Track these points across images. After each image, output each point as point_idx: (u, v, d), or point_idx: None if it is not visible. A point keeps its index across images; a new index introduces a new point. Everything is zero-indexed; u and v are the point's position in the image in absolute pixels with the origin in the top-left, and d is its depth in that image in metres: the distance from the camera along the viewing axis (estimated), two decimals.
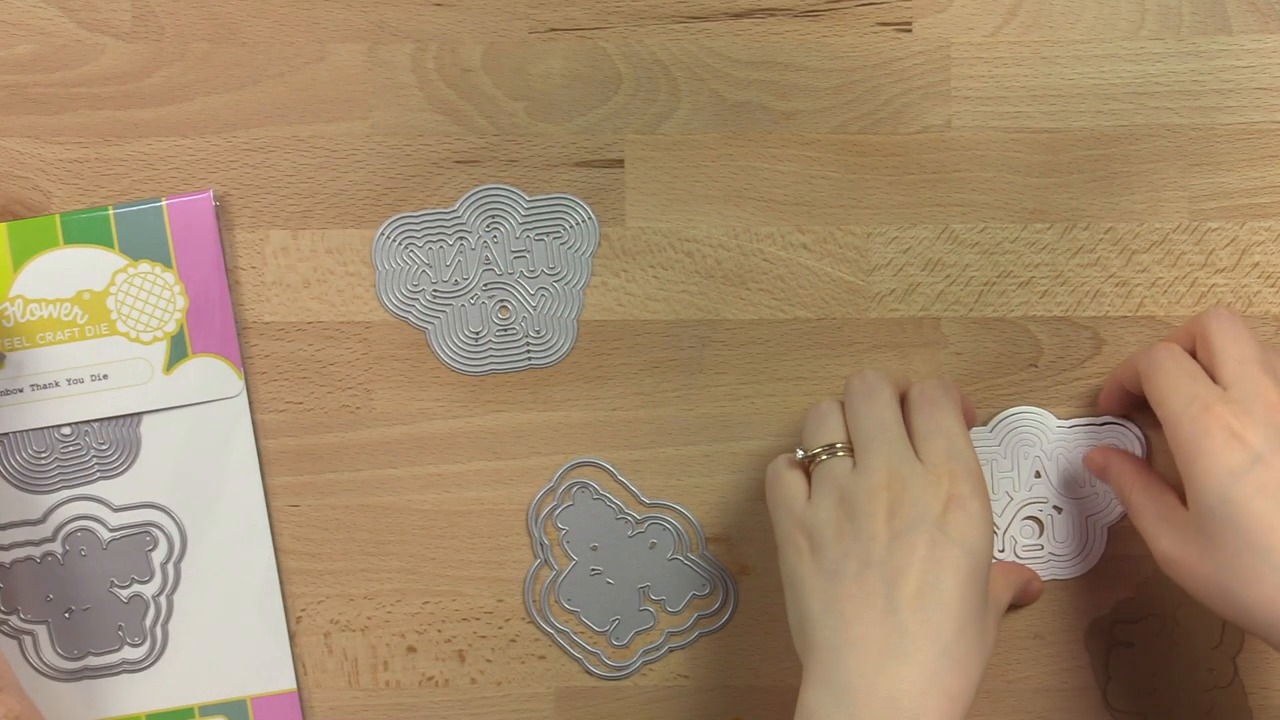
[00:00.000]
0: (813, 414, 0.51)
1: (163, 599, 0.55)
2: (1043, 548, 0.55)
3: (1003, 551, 0.55)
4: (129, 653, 0.55)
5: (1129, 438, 0.55)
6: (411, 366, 0.56)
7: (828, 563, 0.47)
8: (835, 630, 0.45)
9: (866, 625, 0.45)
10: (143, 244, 0.55)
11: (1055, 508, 0.55)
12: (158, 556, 0.55)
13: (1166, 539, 0.48)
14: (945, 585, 0.45)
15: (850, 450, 0.49)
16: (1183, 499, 0.48)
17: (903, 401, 0.51)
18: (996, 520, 0.55)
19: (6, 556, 0.55)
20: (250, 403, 0.56)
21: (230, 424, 0.55)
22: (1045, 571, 0.55)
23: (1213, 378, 0.48)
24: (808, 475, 0.50)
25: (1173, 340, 0.51)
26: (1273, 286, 0.56)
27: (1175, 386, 0.48)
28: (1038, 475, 0.55)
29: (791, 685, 0.50)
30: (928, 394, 0.50)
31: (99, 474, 0.55)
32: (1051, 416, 0.55)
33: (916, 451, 0.48)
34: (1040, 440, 0.55)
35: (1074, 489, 0.55)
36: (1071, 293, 0.56)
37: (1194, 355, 0.50)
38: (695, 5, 0.56)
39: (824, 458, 0.49)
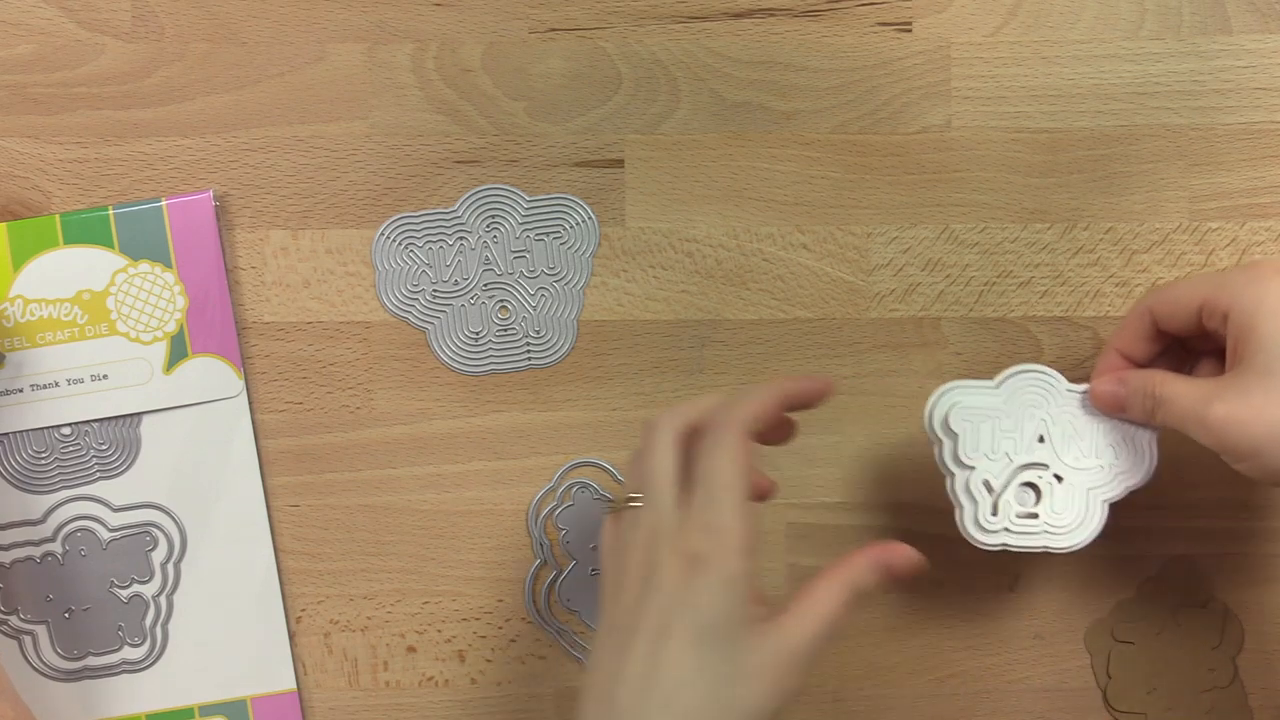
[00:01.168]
0: (631, 460, 0.47)
1: (163, 599, 0.55)
2: (1037, 516, 0.51)
3: (996, 515, 0.52)
4: (129, 653, 0.55)
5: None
6: (411, 366, 0.56)
7: (601, 627, 0.45)
8: (579, 711, 0.44)
9: (593, 707, 0.43)
10: (143, 244, 0.55)
11: (1056, 476, 0.51)
12: (158, 556, 0.55)
13: (1219, 401, 0.46)
14: (667, 666, 0.42)
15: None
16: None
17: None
18: (993, 482, 0.51)
19: (6, 556, 0.55)
20: (250, 403, 0.56)
21: (230, 424, 0.55)
22: (1038, 541, 0.51)
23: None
24: None
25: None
26: None
27: (1203, 275, 0.48)
28: (1041, 440, 0.52)
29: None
30: (708, 425, 0.45)
31: (99, 474, 0.55)
32: (1062, 379, 0.51)
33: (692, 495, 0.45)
34: (1047, 402, 0.51)
35: (1078, 459, 0.51)
36: (1071, 293, 0.56)
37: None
38: (695, 5, 0.56)
39: (622, 508, 0.46)
